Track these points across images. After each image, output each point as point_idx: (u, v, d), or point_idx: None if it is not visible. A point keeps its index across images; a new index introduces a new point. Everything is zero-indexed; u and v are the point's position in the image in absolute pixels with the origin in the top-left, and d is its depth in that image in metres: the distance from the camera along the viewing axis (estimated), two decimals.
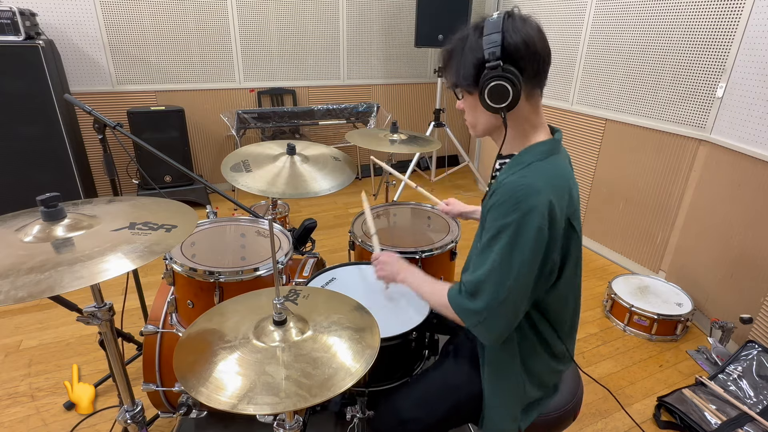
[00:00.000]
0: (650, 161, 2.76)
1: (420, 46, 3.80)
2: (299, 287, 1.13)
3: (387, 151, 2.08)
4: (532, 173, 0.94)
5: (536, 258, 0.91)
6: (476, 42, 0.92)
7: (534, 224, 0.88)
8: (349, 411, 1.26)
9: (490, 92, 0.91)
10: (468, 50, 0.93)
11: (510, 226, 0.90)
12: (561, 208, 0.92)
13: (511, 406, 1.10)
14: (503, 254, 0.91)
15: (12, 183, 2.90)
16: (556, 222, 0.91)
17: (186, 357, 0.88)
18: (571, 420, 1.22)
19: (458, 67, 0.96)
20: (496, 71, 0.90)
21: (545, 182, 0.91)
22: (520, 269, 0.91)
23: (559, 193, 0.93)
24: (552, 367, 1.13)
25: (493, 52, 0.89)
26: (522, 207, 0.88)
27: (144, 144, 1.77)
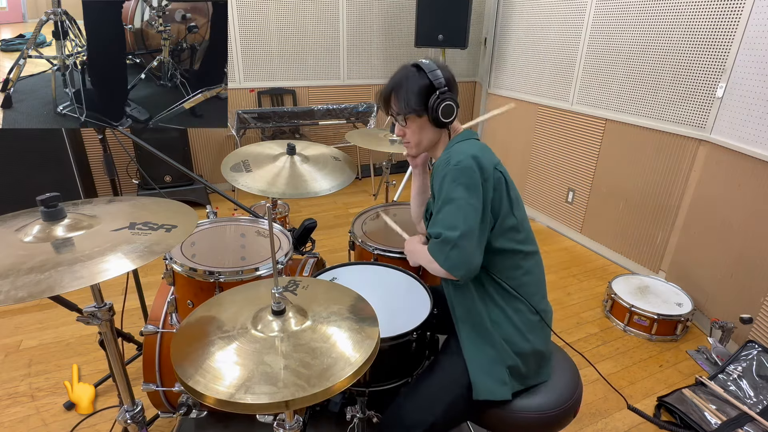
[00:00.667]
0: (650, 161, 2.76)
1: (420, 46, 3.80)
2: (299, 278, 1.13)
3: (387, 151, 2.08)
4: (454, 148, 1.19)
5: (475, 185, 1.09)
6: (421, 77, 1.18)
7: (464, 165, 1.09)
8: (349, 411, 1.26)
9: (443, 111, 1.17)
10: (414, 83, 1.18)
11: (447, 175, 1.11)
12: (484, 158, 1.12)
13: (494, 366, 1.15)
14: (447, 195, 1.10)
15: (12, 183, 2.89)
16: (483, 164, 1.10)
17: (184, 347, 0.88)
18: (571, 417, 1.22)
19: (407, 97, 1.19)
20: (446, 95, 1.17)
21: (465, 146, 1.17)
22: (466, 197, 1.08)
23: (479, 149, 1.14)
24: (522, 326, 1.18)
25: (441, 81, 1.17)
26: (452, 161, 1.11)
27: (144, 144, 1.78)
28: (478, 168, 1.09)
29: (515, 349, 1.17)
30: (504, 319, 1.18)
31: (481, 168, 1.10)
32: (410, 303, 1.36)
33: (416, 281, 1.47)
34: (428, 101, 1.17)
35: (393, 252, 1.64)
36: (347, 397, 1.37)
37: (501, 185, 1.14)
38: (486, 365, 1.16)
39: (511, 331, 1.18)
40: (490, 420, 1.19)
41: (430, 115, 1.18)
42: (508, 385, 1.15)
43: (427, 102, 1.17)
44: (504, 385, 1.15)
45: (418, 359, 1.32)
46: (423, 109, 1.18)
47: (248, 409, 0.75)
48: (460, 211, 1.08)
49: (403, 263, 1.62)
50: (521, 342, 1.18)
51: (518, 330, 1.18)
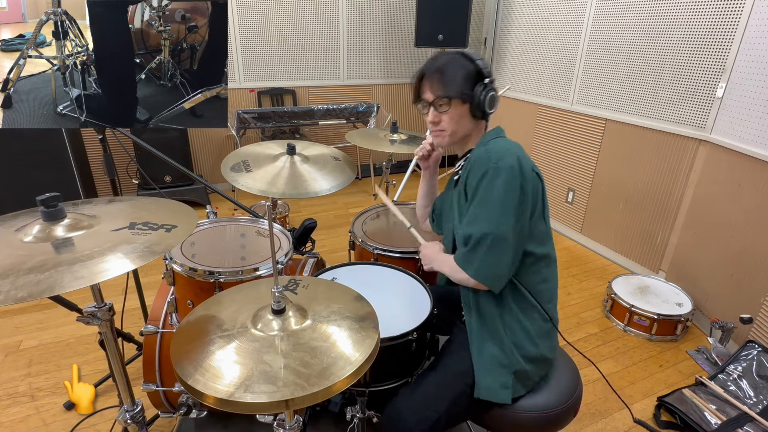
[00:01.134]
0: (650, 161, 2.76)
1: (420, 46, 3.80)
2: (299, 277, 1.13)
3: (387, 151, 2.08)
4: (493, 144, 1.14)
5: (514, 190, 1.05)
6: (467, 62, 1.14)
7: (506, 165, 1.05)
8: (349, 411, 1.26)
9: (489, 101, 1.13)
10: (463, 67, 1.13)
11: (487, 174, 1.06)
12: (524, 158, 1.09)
13: (499, 369, 1.14)
14: (484, 196, 1.07)
15: (12, 183, 2.89)
16: (524, 166, 1.07)
17: (184, 346, 0.88)
18: (571, 417, 1.22)
19: (455, 79, 1.13)
20: (492, 85, 1.14)
21: (506, 143, 1.14)
22: (503, 202, 1.05)
23: (515, 147, 1.12)
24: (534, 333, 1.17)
25: (488, 71, 1.14)
26: (493, 158, 1.07)
27: (144, 144, 1.78)
28: (519, 169, 1.06)
29: (523, 354, 1.16)
30: (517, 324, 1.17)
31: (522, 170, 1.06)
32: (410, 303, 1.36)
33: (416, 281, 1.47)
34: (474, 88, 1.13)
35: (393, 252, 1.64)
36: (347, 397, 1.36)
37: (538, 190, 1.11)
38: (492, 366, 1.15)
39: (522, 336, 1.17)
40: (490, 419, 1.19)
41: (474, 103, 1.14)
42: (510, 389, 1.15)
43: (473, 89, 1.13)
44: (506, 389, 1.14)
45: (418, 359, 1.32)
46: (469, 95, 1.13)
47: (248, 409, 0.75)
48: (497, 213, 1.05)
49: (404, 263, 1.63)
50: (531, 348, 1.17)
51: (529, 336, 1.17)
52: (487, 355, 1.16)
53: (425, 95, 1.18)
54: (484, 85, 1.12)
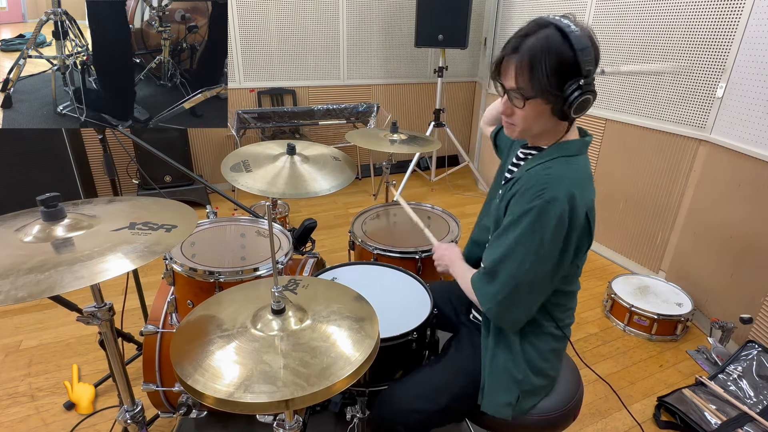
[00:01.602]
0: (650, 161, 2.76)
1: (420, 46, 3.80)
2: (299, 277, 1.13)
3: (387, 151, 2.08)
4: (557, 166, 0.98)
5: (556, 244, 0.95)
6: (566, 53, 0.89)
7: (556, 211, 0.92)
8: (349, 411, 1.26)
9: (579, 106, 0.92)
10: (555, 58, 0.90)
11: (532, 211, 0.94)
12: (582, 201, 0.95)
13: (509, 386, 1.12)
14: (524, 237, 0.95)
15: (12, 183, 2.89)
16: (577, 212, 0.95)
17: (183, 346, 0.88)
18: (571, 420, 1.22)
19: (542, 75, 0.91)
20: (591, 87, 0.92)
21: (568, 175, 0.96)
22: (538, 252, 0.95)
23: (581, 186, 0.96)
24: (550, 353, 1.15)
25: (590, 69, 0.91)
26: (546, 194, 0.93)
27: (144, 144, 1.77)
28: (569, 217, 0.93)
29: (538, 376, 1.14)
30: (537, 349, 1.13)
31: (572, 218, 0.94)
32: (410, 303, 1.36)
33: (416, 281, 1.47)
34: (565, 85, 0.91)
35: (393, 252, 1.64)
36: (347, 397, 1.36)
37: (584, 237, 1.00)
38: (502, 380, 1.12)
39: (539, 359, 1.13)
40: (489, 421, 1.19)
41: (559, 104, 0.93)
42: (513, 407, 1.12)
43: (563, 86, 0.91)
44: (508, 406, 1.12)
45: (418, 359, 1.32)
46: (554, 93, 0.92)
47: (248, 409, 0.75)
48: (531, 260, 0.95)
49: (404, 263, 1.63)
50: (546, 370, 1.15)
51: (547, 359, 1.15)
52: (498, 364, 1.13)
53: (505, 79, 0.98)
54: (578, 85, 0.90)
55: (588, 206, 0.98)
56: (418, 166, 4.42)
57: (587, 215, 0.98)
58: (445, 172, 4.49)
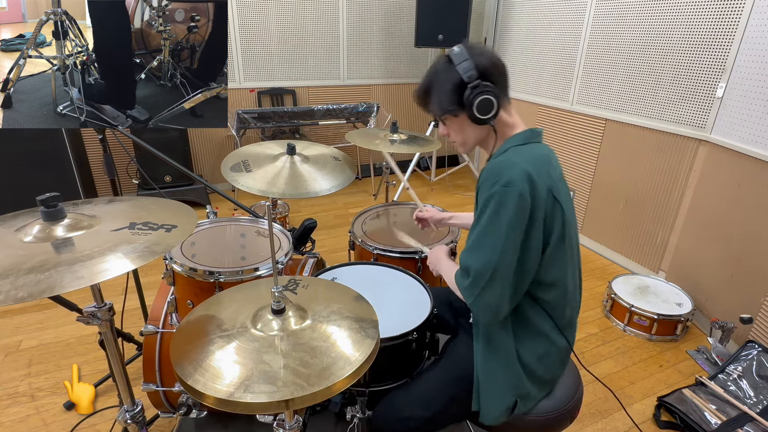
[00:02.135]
0: (650, 161, 2.76)
1: (420, 46, 3.80)
2: (299, 277, 1.13)
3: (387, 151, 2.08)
4: (509, 154, 1.06)
5: (521, 222, 0.98)
6: (449, 71, 1.04)
7: (515, 191, 0.96)
8: (349, 411, 1.26)
9: (479, 108, 1.02)
10: (444, 81, 1.05)
11: (493, 197, 0.98)
12: (540, 178, 0.99)
13: (505, 390, 1.11)
14: (490, 224, 0.99)
15: (12, 183, 2.89)
16: (537, 189, 0.98)
17: (183, 346, 0.88)
18: (570, 420, 1.21)
19: (440, 97, 1.07)
20: (479, 89, 1.02)
21: (521, 158, 1.02)
22: (507, 235, 0.97)
23: (535, 165, 1.01)
24: (548, 357, 1.13)
25: (471, 75, 1.02)
26: (502, 179, 0.98)
27: (144, 144, 1.77)
28: (530, 194, 0.97)
29: (534, 381, 1.13)
30: (533, 351, 1.12)
31: (533, 192, 0.97)
32: (410, 303, 1.36)
33: (416, 281, 1.47)
34: (462, 98, 1.03)
35: (393, 252, 1.64)
36: (347, 397, 1.36)
37: (555, 213, 1.02)
38: (498, 391, 1.11)
39: (536, 362, 1.12)
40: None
41: (467, 112, 1.04)
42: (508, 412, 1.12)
43: (461, 98, 1.03)
44: (506, 411, 1.11)
45: (418, 359, 1.32)
46: (458, 107, 1.05)
47: (248, 409, 0.75)
48: (500, 246, 0.97)
49: (404, 263, 1.63)
50: (543, 374, 1.14)
51: (545, 363, 1.13)
52: (491, 369, 1.12)
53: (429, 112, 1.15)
54: (471, 90, 1.02)
55: (550, 184, 1.01)
56: (418, 166, 4.42)
57: (551, 192, 1.01)
58: (445, 172, 4.49)
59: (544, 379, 1.16)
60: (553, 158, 1.10)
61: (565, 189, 1.07)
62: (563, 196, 1.04)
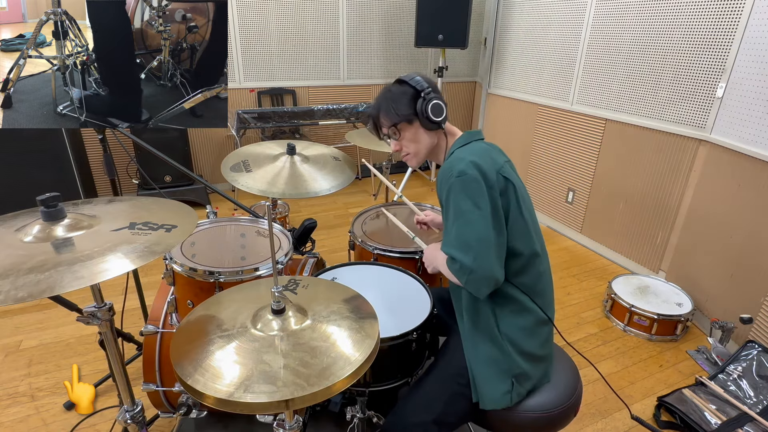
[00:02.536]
0: (650, 161, 2.76)
1: (420, 46, 3.80)
2: (299, 277, 1.13)
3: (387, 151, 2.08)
4: (455, 154, 1.17)
5: (481, 198, 1.06)
6: (402, 87, 1.20)
7: (468, 178, 1.07)
8: (349, 411, 1.26)
9: (433, 110, 1.17)
10: (399, 94, 1.20)
11: (451, 188, 1.09)
12: (485, 164, 1.10)
13: (500, 375, 1.14)
14: (455, 210, 1.08)
15: (12, 183, 2.89)
16: (485, 172, 1.08)
17: (183, 346, 0.88)
18: (572, 416, 1.22)
19: (395, 107, 1.19)
20: (431, 95, 1.18)
21: (466, 153, 1.14)
22: (473, 212, 1.06)
23: (479, 155, 1.12)
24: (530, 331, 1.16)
25: (423, 84, 1.19)
26: (453, 172, 1.09)
27: (144, 144, 1.77)
28: (481, 175, 1.07)
29: (524, 357, 1.15)
30: (514, 326, 1.16)
31: (484, 175, 1.07)
32: (410, 303, 1.36)
33: (416, 281, 1.47)
34: (416, 106, 1.18)
35: (393, 252, 1.64)
36: (347, 397, 1.36)
37: (508, 190, 1.12)
38: (491, 374, 1.14)
39: (520, 337, 1.16)
40: (491, 420, 1.19)
41: (421, 118, 1.19)
42: (510, 393, 1.14)
43: (415, 107, 1.18)
44: (507, 394, 1.14)
45: (418, 359, 1.32)
46: (412, 113, 1.19)
47: (248, 409, 0.75)
48: (471, 225, 1.06)
49: (404, 263, 1.63)
50: (531, 349, 1.16)
51: (529, 337, 1.16)
52: (482, 354, 1.16)
53: (382, 132, 1.27)
54: (422, 98, 1.17)
55: (496, 168, 1.12)
56: None
57: (500, 173, 1.11)
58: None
59: (534, 355, 1.17)
60: (494, 149, 1.22)
61: (513, 171, 1.18)
62: (511, 174, 1.15)
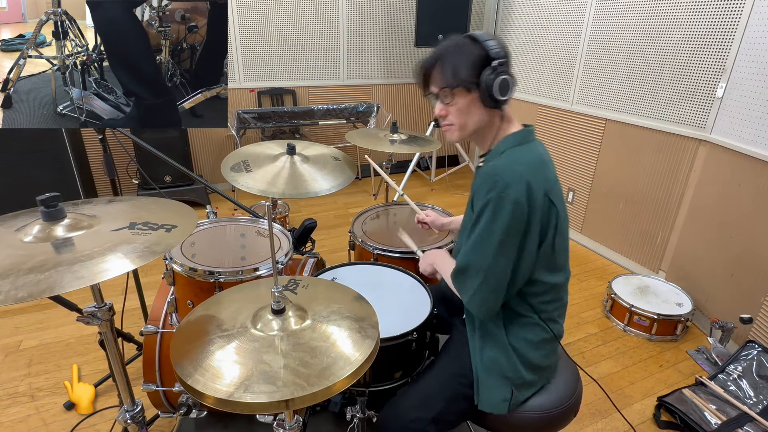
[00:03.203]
0: (650, 161, 2.76)
1: (420, 46, 3.80)
2: (299, 277, 1.13)
3: (387, 151, 2.08)
4: (506, 157, 1.05)
5: (518, 228, 0.99)
6: (474, 46, 1.01)
7: (511, 197, 0.96)
8: (349, 411, 1.26)
9: (500, 86, 1.00)
10: (467, 52, 1.01)
11: (490, 204, 0.99)
12: (537, 182, 0.99)
13: (502, 382, 1.13)
14: (486, 229, 1.00)
15: (12, 183, 2.89)
16: (534, 194, 0.98)
17: (183, 346, 0.88)
18: (571, 417, 1.22)
19: (456, 66, 1.02)
20: (503, 68, 1.00)
21: (519, 162, 1.02)
22: (502, 241, 0.99)
23: (533, 169, 1.01)
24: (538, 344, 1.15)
25: (498, 52, 1.00)
26: (499, 184, 0.98)
27: (144, 144, 1.77)
28: (527, 201, 0.97)
29: (528, 367, 1.15)
30: (523, 339, 1.14)
31: (530, 200, 0.97)
32: (410, 303, 1.36)
33: (416, 281, 1.47)
34: (481, 74, 1.00)
35: (393, 252, 1.64)
36: (347, 397, 1.36)
37: (551, 216, 1.03)
38: (494, 380, 1.14)
39: (528, 349, 1.14)
40: (490, 420, 1.19)
41: (482, 90, 1.01)
42: (509, 401, 1.14)
43: (479, 75, 1.00)
44: (505, 402, 1.13)
45: (418, 359, 1.32)
46: (474, 82, 1.01)
47: (248, 409, 0.75)
48: (495, 249, 0.99)
49: (404, 263, 1.63)
50: (537, 361, 1.15)
51: (536, 349, 1.15)
52: (488, 359, 1.15)
53: (431, 88, 1.09)
54: (492, 68, 0.99)
55: (546, 187, 1.01)
56: (418, 166, 4.41)
57: (547, 195, 1.01)
58: (445, 172, 4.49)
59: (538, 366, 1.17)
60: (547, 158, 1.10)
61: (558, 188, 1.08)
62: (558, 197, 1.05)
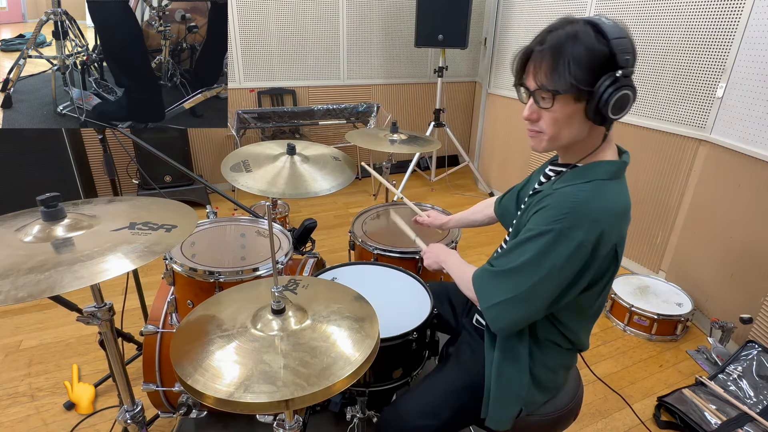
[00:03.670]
0: (650, 161, 2.76)
1: (420, 46, 3.80)
2: (299, 277, 1.13)
3: (387, 151, 2.08)
4: (591, 190, 0.89)
5: (569, 270, 0.88)
6: (598, 41, 0.82)
7: (575, 239, 0.85)
8: (349, 411, 1.26)
9: (617, 102, 0.83)
10: (588, 51, 0.81)
11: (551, 233, 0.87)
12: (611, 233, 0.88)
13: (514, 399, 1.10)
14: (538, 255, 0.89)
15: (12, 183, 2.89)
16: (602, 245, 0.87)
17: (183, 346, 0.88)
18: (571, 420, 1.21)
19: (570, 66, 0.82)
20: (628, 80, 0.83)
21: (602, 203, 0.88)
22: (549, 274, 0.89)
23: (612, 216, 0.88)
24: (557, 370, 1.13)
25: (628, 59, 0.82)
26: (570, 218, 0.86)
27: (144, 144, 1.77)
28: (592, 247, 0.86)
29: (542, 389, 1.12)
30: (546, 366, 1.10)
31: (596, 250, 0.87)
32: (410, 303, 1.36)
33: (416, 281, 1.47)
34: (598, 80, 0.82)
35: (393, 252, 1.64)
36: (347, 397, 1.36)
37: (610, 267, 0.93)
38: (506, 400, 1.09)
39: (547, 374, 1.11)
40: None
41: (593, 102, 0.83)
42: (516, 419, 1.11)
43: (596, 81, 0.82)
44: (511, 420, 1.11)
45: (418, 359, 1.32)
46: (586, 90, 0.83)
47: (248, 409, 0.75)
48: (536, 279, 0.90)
49: (404, 263, 1.63)
50: (550, 383, 1.14)
51: (554, 373, 1.13)
52: (505, 380, 1.08)
53: (527, 80, 0.90)
54: (614, 78, 0.81)
55: (617, 241, 0.90)
56: (418, 166, 4.41)
57: (615, 248, 0.90)
58: (445, 172, 4.49)
59: (552, 387, 1.16)
60: (630, 205, 0.96)
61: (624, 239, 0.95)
62: (622, 251, 0.94)
